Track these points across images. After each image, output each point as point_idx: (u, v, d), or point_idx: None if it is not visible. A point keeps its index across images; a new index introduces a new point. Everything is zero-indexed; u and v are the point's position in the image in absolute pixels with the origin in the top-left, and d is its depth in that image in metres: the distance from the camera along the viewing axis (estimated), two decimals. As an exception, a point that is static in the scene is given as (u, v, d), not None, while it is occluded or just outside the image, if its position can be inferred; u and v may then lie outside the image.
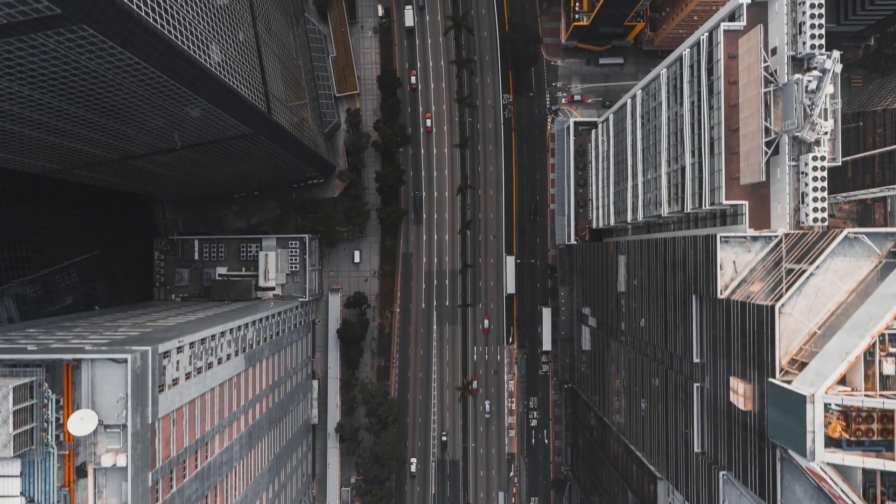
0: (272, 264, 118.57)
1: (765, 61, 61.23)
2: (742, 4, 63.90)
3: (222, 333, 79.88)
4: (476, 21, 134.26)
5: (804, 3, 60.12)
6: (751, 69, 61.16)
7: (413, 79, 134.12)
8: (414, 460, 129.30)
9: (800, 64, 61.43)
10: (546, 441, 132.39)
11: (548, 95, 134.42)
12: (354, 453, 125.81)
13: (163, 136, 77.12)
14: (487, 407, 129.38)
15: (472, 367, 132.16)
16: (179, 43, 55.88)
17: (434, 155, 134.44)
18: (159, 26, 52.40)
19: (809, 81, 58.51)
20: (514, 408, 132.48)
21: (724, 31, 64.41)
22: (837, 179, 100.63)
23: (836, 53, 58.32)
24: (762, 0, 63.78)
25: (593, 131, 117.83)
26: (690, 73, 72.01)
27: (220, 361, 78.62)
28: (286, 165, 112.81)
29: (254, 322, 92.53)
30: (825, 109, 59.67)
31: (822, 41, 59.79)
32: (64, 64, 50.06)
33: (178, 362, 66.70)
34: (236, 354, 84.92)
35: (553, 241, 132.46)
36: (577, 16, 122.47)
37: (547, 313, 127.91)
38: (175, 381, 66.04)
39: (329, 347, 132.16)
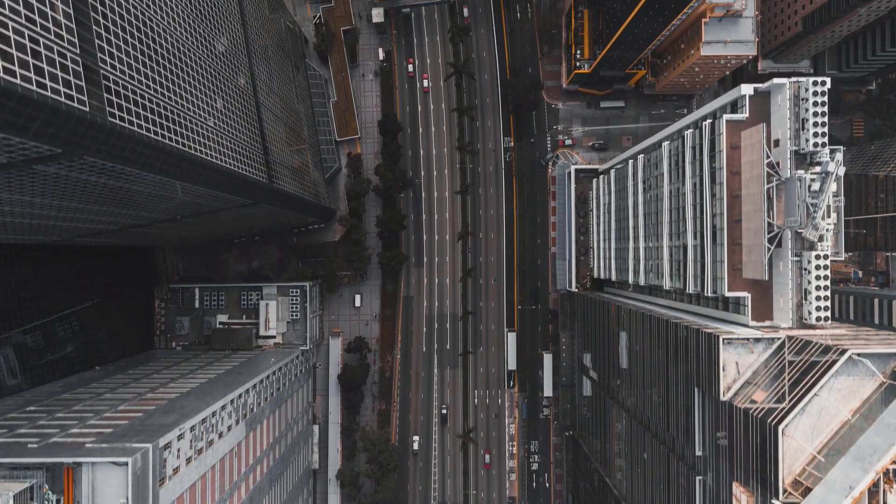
0: (273, 313, 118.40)
1: (768, 156, 61.07)
2: (745, 96, 63.66)
3: (223, 407, 79.68)
4: (477, 64, 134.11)
5: (807, 100, 59.93)
6: (753, 165, 60.96)
7: (410, 67, 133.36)
8: (416, 438, 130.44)
9: (803, 158, 61.22)
10: (547, 485, 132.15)
11: (548, 138, 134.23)
12: (355, 499, 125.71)
13: (164, 212, 76.96)
14: None
15: (474, 411, 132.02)
16: (184, 148, 55.73)
17: (435, 198, 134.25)
18: (160, 137, 52.25)
19: (812, 180, 58.43)
20: (514, 451, 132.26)
21: (727, 121, 64.18)
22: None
23: (839, 155, 58.24)
24: (765, 90, 63.59)
25: (594, 181, 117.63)
26: (693, 154, 71.79)
27: (220, 436, 78.44)
28: (287, 217, 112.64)
29: (254, 385, 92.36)
30: (828, 206, 59.57)
31: (826, 139, 59.61)
32: (65, 180, 49.94)
33: (178, 450, 66.53)
34: (237, 423, 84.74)
35: (554, 284, 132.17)
36: (578, 63, 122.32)
37: (548, 359, 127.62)
38: (176, 470, 65.87)
39: (330, 392, 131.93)
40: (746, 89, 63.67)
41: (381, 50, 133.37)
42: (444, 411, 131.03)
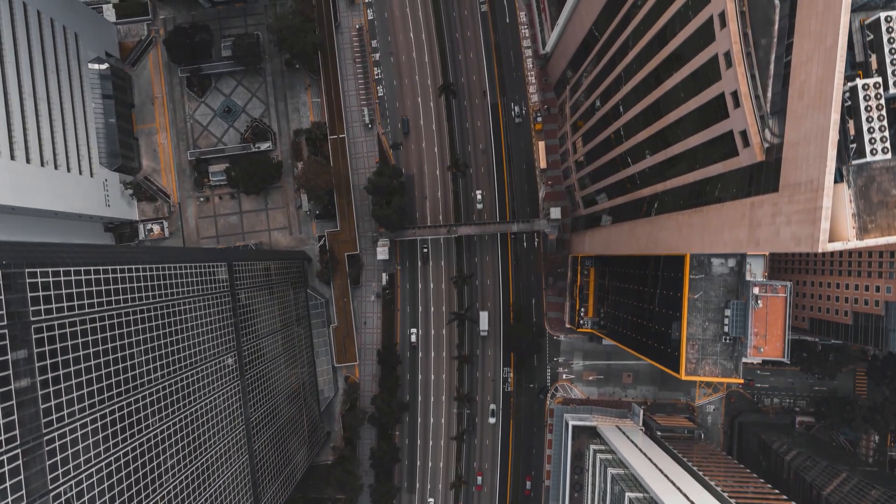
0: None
1: None
2: None
3: None
4: (480, 292, 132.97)
5: None
6: None
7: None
8: None
9: None
10: None
11: (549, 370, 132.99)
12: None
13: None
14: None
15: None
16: None
17: (431, 424, 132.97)
18: None
19: None
20: None
21: None
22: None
23: None
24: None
25: (591, 450, 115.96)
26: None
27: None
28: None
29: None
30: None
31: None
32: None
33: None
34: None
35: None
36: (582, 321, 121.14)
37: None
38: None
39: None
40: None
41: (384, 274, 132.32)
42: None
